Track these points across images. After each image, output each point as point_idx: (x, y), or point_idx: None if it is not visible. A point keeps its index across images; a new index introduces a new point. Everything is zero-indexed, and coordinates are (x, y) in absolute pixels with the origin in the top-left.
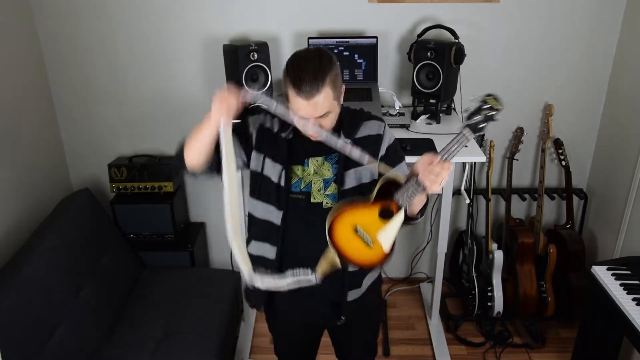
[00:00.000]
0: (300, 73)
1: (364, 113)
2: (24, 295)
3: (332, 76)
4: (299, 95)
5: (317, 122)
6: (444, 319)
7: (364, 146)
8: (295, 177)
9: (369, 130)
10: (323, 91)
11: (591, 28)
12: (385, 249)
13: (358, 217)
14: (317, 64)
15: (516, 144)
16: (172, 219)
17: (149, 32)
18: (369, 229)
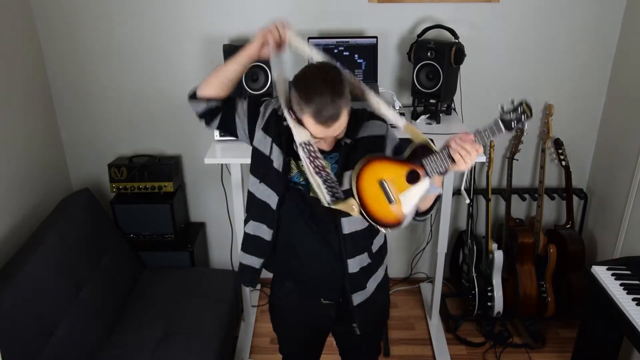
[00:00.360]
0: (318, 101)
1: (365, 112)
2: (24, 295)
3: (346, 98)
4: (319, 124)
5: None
6: (444, 319)
7: (365, 146)
8: (295, 170)
9: (371, 130)
10: (342, 117)
11: (591, 28)
12: (404, 210)
13: (387, 171)
14: (332, 88)
15: (516, 144)
16: (172, 219)
17: (149, 32)
18: (394, 186)
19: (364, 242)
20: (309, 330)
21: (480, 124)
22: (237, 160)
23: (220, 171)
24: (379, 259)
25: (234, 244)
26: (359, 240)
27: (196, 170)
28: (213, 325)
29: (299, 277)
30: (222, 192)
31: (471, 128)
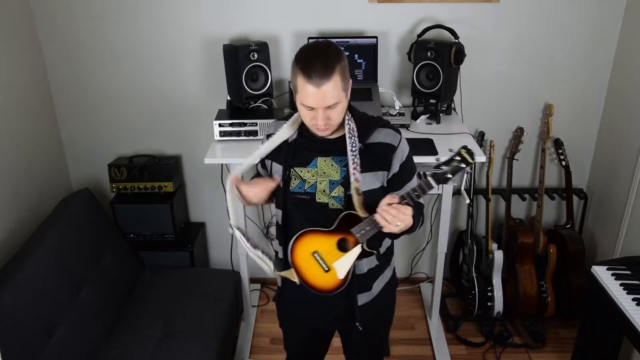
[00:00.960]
0: (310, 61)
1: (380, 120)
2: (24, 295)
3: (341, 67)
4: (309, 83)
5: (326, 114)
6: (444, 319)
7: (375, 152)
8: (298, 179)
9: (383, 137)
10: (333, 79)
11: (591, 28)
12: (339, 276)
13: (317, 242)
14: (326, 54)
15: (516, 144)
16: (172, 219)
17: (149, 32)
18: (326, 256)
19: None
20: (314, 328)
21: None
22: (237, 160)
23: (220, 171)
24: (386, 260)
25: (234, 244)
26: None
27: (196, 170)
28: (213, 325)
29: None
30: (222, 192)
31: (471, 128)
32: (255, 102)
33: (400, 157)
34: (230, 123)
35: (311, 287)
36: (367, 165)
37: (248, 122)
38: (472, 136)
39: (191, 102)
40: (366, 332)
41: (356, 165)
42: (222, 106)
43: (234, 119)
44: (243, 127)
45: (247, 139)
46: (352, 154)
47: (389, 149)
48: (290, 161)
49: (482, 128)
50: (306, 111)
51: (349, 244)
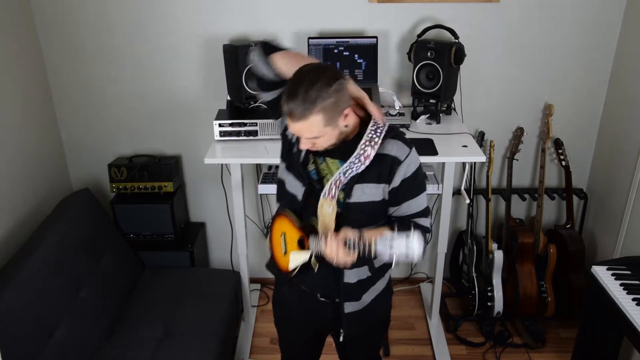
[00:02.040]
0: (291, 95)
1: (393, 130)
2: (24, 295)
3: (325, 104)
4: (286, 114)
5: (310, 141)
6: (444, 319)
7: (380, 163)
8: (312, 166)
9: (391, 149)
10: (310, 118)
11: (591, 28)
12: (290, 266)
13: (287, 228)
14: (310, 88)
15: (516, 144)
16: (172, 219)
17: (149, 32)
18: (289, 242)
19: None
20: (308, 328)
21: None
22: (237, 160)
23: (220, 171)
24: (380, 273)
25: (234, 244)
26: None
27: (196, 170)
28: (213, 325)
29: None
30: (222, 192)
31: (471, 128)
32: (255, 102)
33: (404, 173)
34: (230, 123)
35: (274, 259)
36: (371, 175)
37: (248, 122)
38: (472, 136)
39: (191, 102)
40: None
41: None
42: (222, 106)
43: (234, 119)
44: (243, 127)
45: (247, 139)
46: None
47: (394, 162)
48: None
49: (482, 128)
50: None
51: (305, 244)
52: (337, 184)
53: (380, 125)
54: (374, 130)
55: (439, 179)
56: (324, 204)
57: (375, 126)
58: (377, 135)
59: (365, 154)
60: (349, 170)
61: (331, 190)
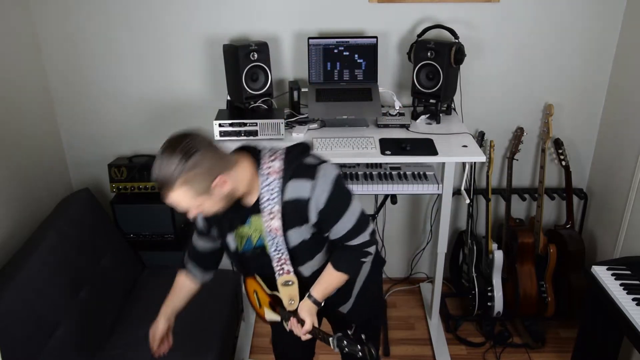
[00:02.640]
0: (153, 171)
1: (292, 168)
2: (24, 295)
3: (184, 178)
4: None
5: (194, 212)
6: (444, 319)
7: (291, 210)
8: (245, 238)
9: (296, 192)
10: (174, 193)
11: (591, 28)
12: (266, 318)
13: (259, 290)
14: (166, 166)
15: (516, 144)
16: (172, 219)
17: (149, 32)
18: (261, 299)
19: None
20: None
21: (480, 124)
22: None
23: None
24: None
25: None
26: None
27: None
28: (213, 325)
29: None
30: None
31: (471, 128)
32: (255, 102)
33: (316, 207)
34: (230, 123)
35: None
36: (289, 222)
37: (248, 122)
38: (472, 136)
39: (191, 102)
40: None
41: (283, 260)
42: (222, 106)
43: (234, 119)
44: (243, 127)
45: (247, 139)
46: (276, 252)
47: (302, 204)
48: (229, 225)
49: (482, 128)
50: None
51: (276, 309)
52: (280, 260)
53: (271, 178)
54: (267, 186)
55: (439, 179)
56: (282, 281)
57: (267, 180)
58: (272, 191)
59: (272, 210)
60: (269, 233)
61: (282, 267)
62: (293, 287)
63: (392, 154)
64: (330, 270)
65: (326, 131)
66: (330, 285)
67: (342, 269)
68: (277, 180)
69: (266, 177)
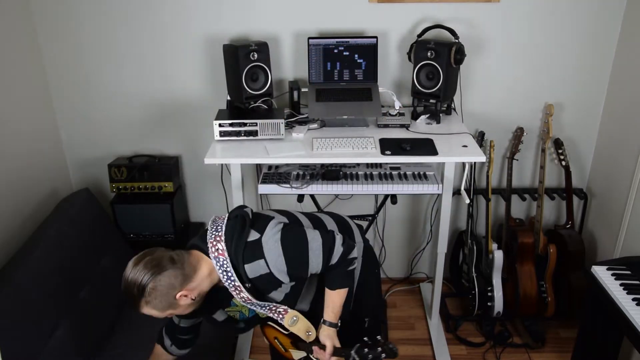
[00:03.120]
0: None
1: (239, 253)
2: (24, 295)
3: (145, 300)
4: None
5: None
6: (444, 319)
7: (261, 283)
8: (237, 314)
9: (256, 271)
10: (144, 311)
11: (591, 28)
12: (294, 358)
13: (277, 334)
14: (129, 289)
15: (516, 144)
16: (172, 219)
17: (148, 31)
18: (284, 343)
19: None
20: None
21: (480, 124)
22: (237, 160)
23: (220, 171)
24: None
25: None
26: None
27: (196, 170)
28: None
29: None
30: (222, 192)
31: (471, 128)
32: (255, 102)
33: (280, 272)
34: (230, 123)
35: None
36: (265, 290)
37: (248, 122)
38: (472, 136)
39: (191, 102)
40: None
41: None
42: (222, 106)
43: (234, 119)
44: (243, 127)
45: (247, 139)
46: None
47: (267, 277)
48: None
49: (482, 128)
50: None
51: (299, 346)
52: (272, 311)
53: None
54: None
55: (439, 179)
56: (288, 322)
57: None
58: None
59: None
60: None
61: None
62: (301, 321)
63: (392, 154)
64: (329, 293)
65: (326, 131)
66: (336, 305)
67: (338, 287)
68: (226, 260)
69: (218, 259)
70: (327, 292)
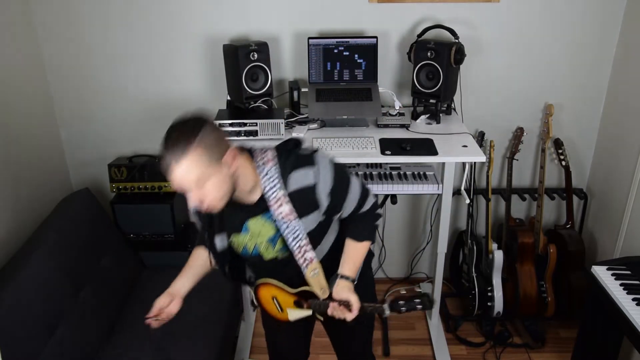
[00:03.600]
0: (162, 150)
1: (287, 164)
2: (24, 295)
3: (200, 140)
4: (165, 172)
5: (197, 196)
6: (444, 319)
7: (300, 200)
8: (241, 245)
9: (300, 181)
10: (184, 163)
11: (591, 28)
12: (290, 318)
13: (277, 293)
14: (177, 139)
15: (516, 144)
16: (172, 219)
17: (149, 32)
18: (282, 303)
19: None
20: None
21: (480, 124)
22: None
23: None
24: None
25: None
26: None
27: None
28: (213, 325)
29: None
30: None
31: (471, 128)
32: (255, 102)
33: (324, 189)
34: (230, 123)
35: (269, 315)
36: (298, 211)
37: (248, 122)
38: (472, 136)
39: (191, 102)
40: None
41: (304, 249)
42: (222, 106)
43: (234, 119)
44: (243, 127)
45: (247, 139)
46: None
47: (309, 191)
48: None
49: (482, 128)
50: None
51: (304, 305)
52: (301, 250)
53: (267, 167)
54: (266, 176)
55: (439, 179)
56: (310, 272)
57: (264, 170)
58: (272, 179)
59: (278, 197)
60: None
61: (304, 258)
62: (321, 275)
63: (392, 154)
64: (353, 244)
65: (326, 131)
66: (358, 259)
67: (364, 238)
68: (273, 167)
69: (263, 168)
70: (349, 246)
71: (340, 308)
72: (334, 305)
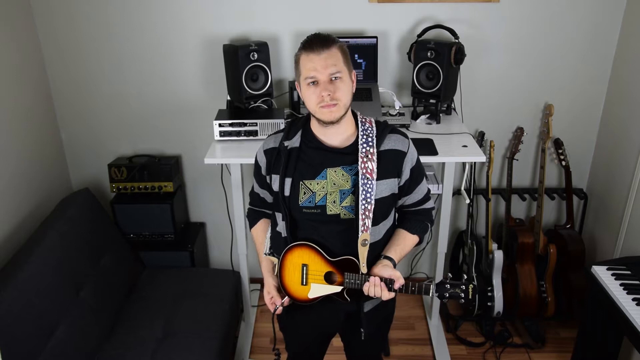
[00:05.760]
0: (310, 38)
1: (388, 125)
2: (24, 295)
3: (341, 45)
4: (311, 53)
5: (330, 88)
6: (444, 319)
7: (387, 159)
8: (309, 192)
9: (394, 144)
10: (333, 49)
11: (591, 28)
12: (309, 296)
13: (311, 260)
14: (326, 35)
15: (516, 144)
16: (172, 219)
17: (148, 32)
18: (311, 274)
19: (352, 294)
20: (318, 331)
21: (480, 124)
22: (237, 160)
23: (220, 171)
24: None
25: (234, 244)
26: (378, 250)
27: (196, 170)
28: (213, 325)
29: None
30: (222, 192)
31: (471, 128)
32: (255, 102)
33: (411, 162)
34: (230, 123)
35: (283, 286)
36: (379, 172)
37: (248, 122)
38: (472, 136)
39: (191, 102)
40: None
41: (368, 214)
42: (222, 106)
43: (234, 119)
44: (243, 127)
45: (247, 139)
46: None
47: (400, 156)
48: (296, 173)
49: (482, 128)
50: (311, 91)
51: (335, 279)
52: (365, 213)
53: (367, 124)
54: (365, 130)
55: (439, 179)
56: (361, 240)
57: (364, 125)
58: (369, 135)
59: (369, 152)
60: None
61: (364, 222)
62: (366, 249)
63: None
64: (405, 235)
65: None
66: (405, 249)
67: (416, 232)
68: (372, 128)
69: (364, 123)
70: (400, 234)
71: (380, 285)
72: (373, 281)
